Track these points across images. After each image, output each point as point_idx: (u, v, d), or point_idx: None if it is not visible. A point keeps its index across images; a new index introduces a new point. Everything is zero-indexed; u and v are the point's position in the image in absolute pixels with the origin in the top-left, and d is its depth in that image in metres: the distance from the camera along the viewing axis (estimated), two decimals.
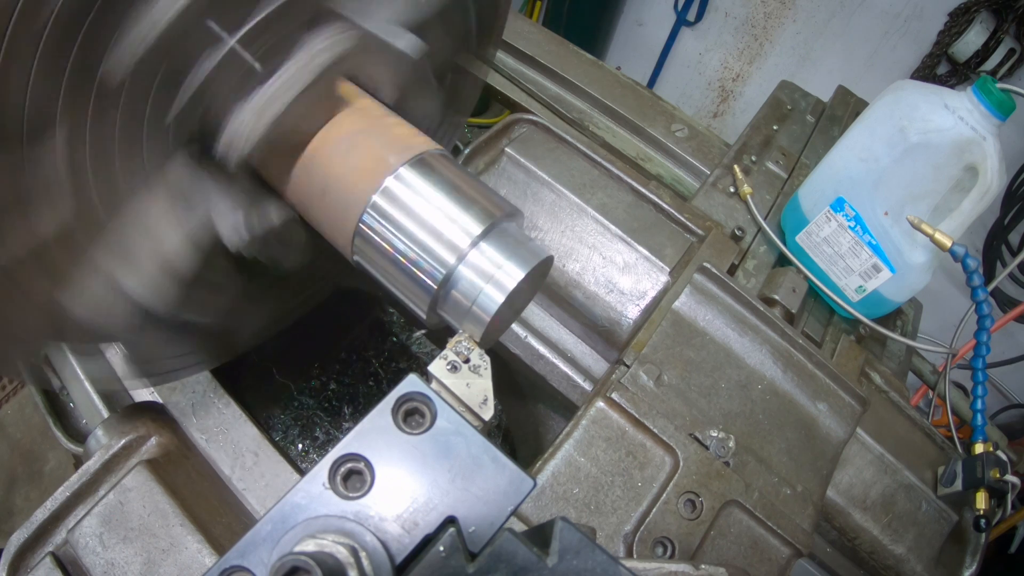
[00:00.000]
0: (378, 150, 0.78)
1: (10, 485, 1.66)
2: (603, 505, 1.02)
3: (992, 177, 1.19)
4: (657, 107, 1.84)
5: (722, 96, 4.41)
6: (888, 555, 1.22)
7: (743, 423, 1.15)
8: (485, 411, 0.69)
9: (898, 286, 1.38)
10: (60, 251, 0.72)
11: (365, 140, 0.79)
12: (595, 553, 0.50)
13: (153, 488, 0.99)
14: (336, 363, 2.23)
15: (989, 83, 1.15)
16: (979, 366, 1.31)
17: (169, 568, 0.95)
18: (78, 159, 0.68)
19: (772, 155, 1.71)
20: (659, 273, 1.28)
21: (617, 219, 1.32)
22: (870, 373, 1.43)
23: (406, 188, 0.76)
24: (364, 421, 0.56)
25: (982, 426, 1.28)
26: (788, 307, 1.36)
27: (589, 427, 1.08)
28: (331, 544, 0.49)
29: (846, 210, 1.37)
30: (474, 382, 0.71)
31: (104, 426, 1.07)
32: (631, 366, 1.15)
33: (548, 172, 1.35)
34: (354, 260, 0.82)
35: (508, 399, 1.66)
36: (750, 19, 4.03)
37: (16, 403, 1.72)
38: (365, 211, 0.76)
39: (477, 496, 0.54)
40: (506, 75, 1.81)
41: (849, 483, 1.24)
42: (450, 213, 0.76)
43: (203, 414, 1.14)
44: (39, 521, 0.97)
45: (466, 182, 0.79)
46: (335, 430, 2.06)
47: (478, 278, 0.75)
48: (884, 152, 1.28)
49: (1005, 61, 3.23)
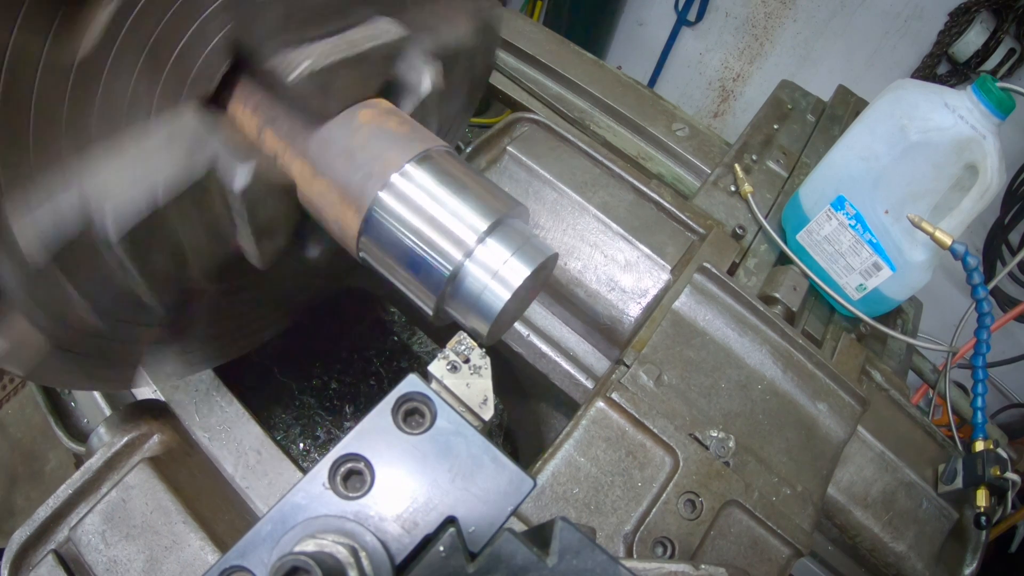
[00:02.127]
0: (386, 145, 0.79)
1: (11, 485, 1.66)
2: (603, 505, 1.03)
3: (992, 176, 1.19)
4: (658, 106, 1.84)
5: (723, 96, 4.41)
6: (889, 553, 1.22)
7: (743, 423, 1.16)
8: (485, 411, 0.70)
9: (898, 284, 1.38)
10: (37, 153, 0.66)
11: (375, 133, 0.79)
12: (595, 553, 0.50)
13: (155, 486, 1.00)
14: (337, 362, 2.23)
15: (989, 82, 1.15)
16: (979, 364, 1.31)
17: (172, 565, 0.95)
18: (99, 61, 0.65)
19: (773, 154, 1.71)
20: (660, 271, 1.28)
21: (618, 217, 1.32)
22: (871, 371, 1.43)
23: (412, 184, 0.76)
24: (364, 421, 0.56)
25: (982, 424, 1.28)
26: (789, 305, 1.36)
27: (589, 427, 1.08)
28: (331, 544, 0.49)
29: (847, 208, 1.37)
30: (474, 382, 0.71)
31: (106, 424, 1.07)
32: (631, 366, 1.15)
33: (549, 171, 1.35)
34: (360, 256, 0.82)
35: (510, 397, 1.66)
36: (750, 19, 4.03)
37: (17, 402, 1.72)
38: (371, 207, 0.76)
39: (477, 496, 0.55)
40: (507, 74, 1.81)
41: (850, 481, 1.24)
42: (456, 210, 0.76)
43: (206, 412, 1.14)
44: (41, 519, 0.97)
45: (472, 179, 0.79)
46: (336, 429, 2.06)
47: (484, 274, 0.75)
48: (884, 151, 1.28)
49: (1005, 61, 3.22)
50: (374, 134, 0.79)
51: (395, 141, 0.79)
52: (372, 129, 0.79)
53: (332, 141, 0.79)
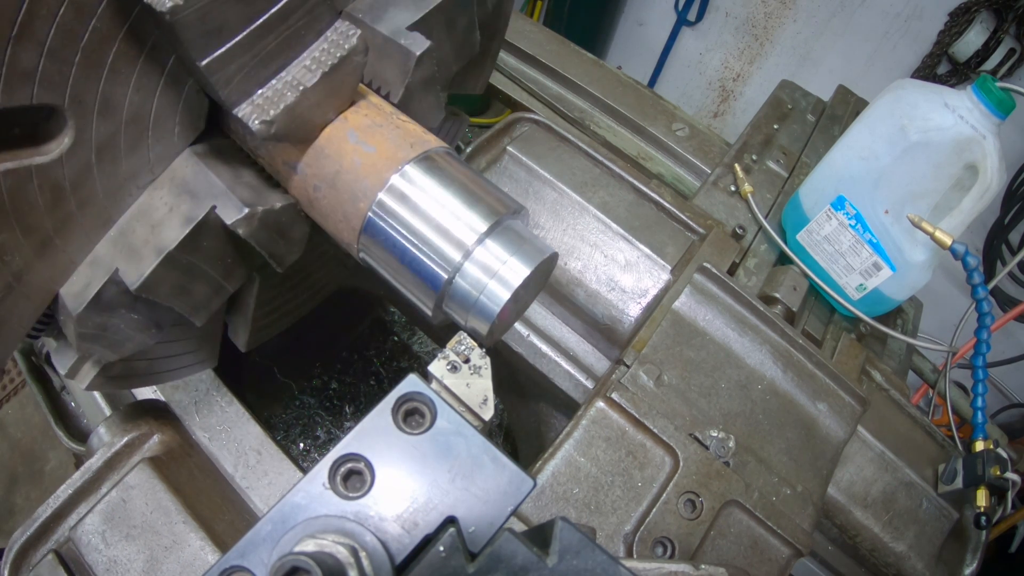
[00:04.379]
0: (385, 147, 0.78)
1: (11, 484, 1.66)
2: (603, 505, 1.03)
3: (992, 176, 1.19)
4: (658, 106, 1.84)
5: (723, 96, 4.41)
6: (889, 553, 1.22)
7: (743, 423, 1.16)
8: (485, 411, 0.70)
9: (898, 284, 1.38)
10: (63, 243, 0.74)
11: (372, 137, 0.79)
12: (595, 553, 0.50)
13: (156, 485, 1.00)
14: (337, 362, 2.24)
15: (989, 82, 1.15)
16: (979, 364, 1.31)
17: (172, 565, 0.95)
18: (83, 155, 0.69)
19: (773, 154, 1.71)
20: (660, 271, 1.28)
21: (618, 217, 1.32)
22: (871, 371, 1.43)
23: (412, 186, 0.77)
24: (364, 421, 0.56)
25: (983, 424, 1.28)
26: (789, 305, 1.36)
27: (589, 427, 1.08)
28: (331, 544, 0.49)
29: (847, 208, 1.37)
30: (474, 382, 0.71)
31: (106, 424, 1.07)
32: (631, 366, 1.15)
33: (550, 170, 1.35)
34: (360, 257, 0.82)
35: (510, 397, 1.66)
36: (751, 19, 4.03)
37: (17, 402, 1.72)
38: (371, 208, 0.76)
39: (477, 496, 0.55)
40: (507, 74, 1.81)
41: (850, 481, 1.24)
42: (456, 210, 0.76)
43: (206, 412, 1.14)
44: (41, 519, 0.97)
45: (471, 179, 0.79)
46: (336, 429, 2.07)
47: (484, 275, 0.75)
48: (884, 151, 1.28)
49: (1005, 61, 3.23)
50: (355, 153, 0.78)
51: (394, 142, 0.79)
52: (352, 147, 0.79)
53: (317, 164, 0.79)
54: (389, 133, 0.81)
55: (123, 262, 0.76)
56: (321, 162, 0.79)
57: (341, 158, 0.78)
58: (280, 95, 0.73)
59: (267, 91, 0.73)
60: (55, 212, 0.71)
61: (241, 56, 0.69)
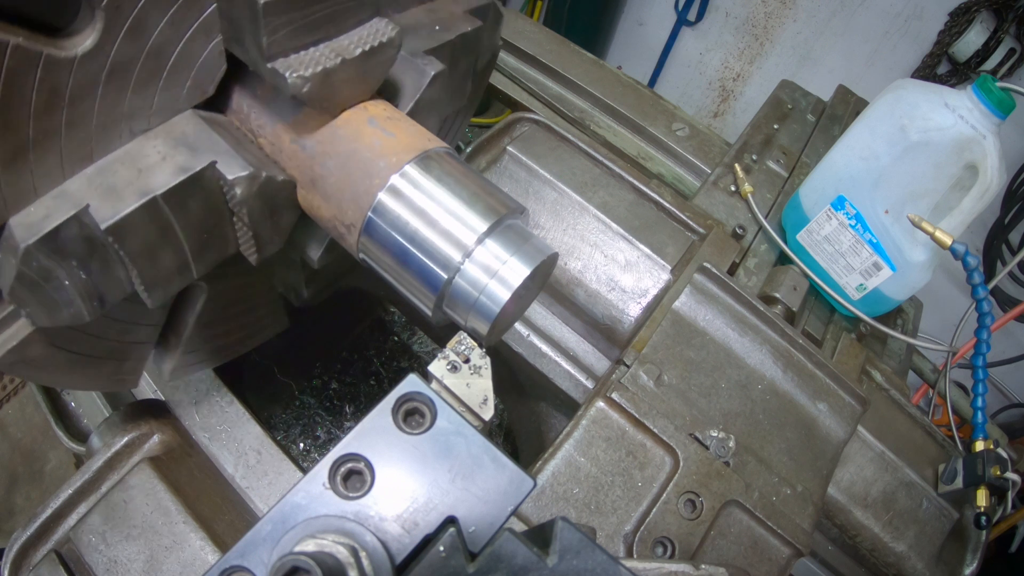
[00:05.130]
0: (404, 136, 0.79)
1: (11, 484, 1.66)
2: (603, 505, 1.03)
3: (992, 175, 1.19)
4: (658, 106, 1.84)
5: (723, 96, 4.41)
6: (889, 552, 1.22)
7: (743, 423, 1.16)
8: (485, 411, 0.70)
9: (898, 284, 1.38)
10: (36, 160, 0.68)
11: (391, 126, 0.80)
12: (595, 553, 0.50)
13: (156, 485, 1.00)
14: (337, 362, 2.24)
15: (989, 82, 1.15)
16: (980, 364, 1.31)
17: (172, 565, 0.95)
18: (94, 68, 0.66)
19: (773, 154, 1.71)
20: (660, 271, 1.28)
21: (618, 217, 1.32)
22: (871, 371, 1.43)
23: (412, 186, 0.77)
24: (364, 421, 0.56)
25: (983, 424, 1.28)
26: (789, 305, 1.36)
27: (589, 427, 1.08)
28: (331, 544, 0.49)
29: (847, 208, 1.37)
30: (474, 382, 0.71)
31: (106, 424, 1.07)
32: (631, 366, 1.15)
33: (550, 170, 1.35)
34: (359, 257, 0.82)
35: (510, 397, 1.66)
36: (751, 19, 4.03)
37: (17, 402, 1.72)
38: (371, 208, 0.77)
39: (477, 496, 0.55)
40: (507, 74, 1.81)
41: (850, 481, 1.24)
42: (455, 210, 0.76)
43: (206, 412, 1.14)
44: (42, 518, 0.97)
45: (471, 179, 0.80)
46: (336, 429, 2.07)
47: (484, 275, 0.75)
48: (885, 150, 1.28)
49: (1005, 60, 3.23)
50: (374, 135, 0.79)
51: (395, 142, 0.79)
52: (371, 130, 0.79)
53: (331, 143, 0.79)
54: (407, 126, 0.82)
55: (97, 200, 0.70)
56: (336, 141, 0.79)
57: (359, 139, 0.79)
58: (318, 60, 0.74)
59: (304, 56, 0.74)
60: (42, 119, 0.66)
61: (293, 10, 0.70)
